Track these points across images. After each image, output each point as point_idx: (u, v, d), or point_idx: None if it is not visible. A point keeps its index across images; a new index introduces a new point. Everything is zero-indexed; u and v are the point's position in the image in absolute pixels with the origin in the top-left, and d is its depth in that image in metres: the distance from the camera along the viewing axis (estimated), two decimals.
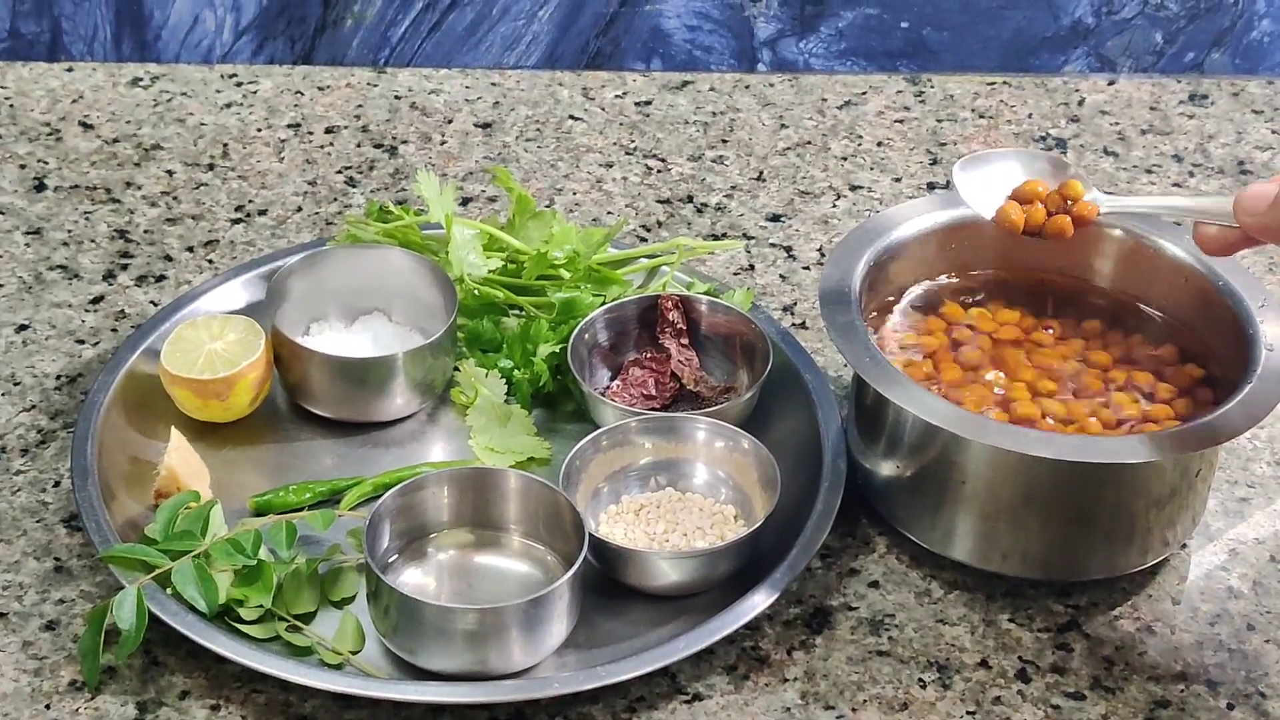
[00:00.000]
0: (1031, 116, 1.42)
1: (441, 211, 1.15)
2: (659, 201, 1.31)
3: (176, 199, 1.30)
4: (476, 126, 1.38)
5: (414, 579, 0.99)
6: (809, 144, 1.38)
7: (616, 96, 1.42)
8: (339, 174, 1.33)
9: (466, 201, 1.31)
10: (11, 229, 1.26)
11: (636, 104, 1.42)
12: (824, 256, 1.26)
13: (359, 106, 1.40)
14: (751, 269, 1.25)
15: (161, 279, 1.22)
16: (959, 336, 1.09)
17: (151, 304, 1.20)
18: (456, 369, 1.12)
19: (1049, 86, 1.45)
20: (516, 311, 1.15)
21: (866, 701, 0.96)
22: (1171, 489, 1.00)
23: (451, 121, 1.39)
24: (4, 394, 1.13)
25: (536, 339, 1.12)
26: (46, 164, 1.33)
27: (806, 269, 1.25)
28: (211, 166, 1.33)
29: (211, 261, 1.24)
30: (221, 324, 1.10)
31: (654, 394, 1.11)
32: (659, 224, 1.29)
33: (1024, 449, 0.97)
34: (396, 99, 1.41)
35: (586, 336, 1.12)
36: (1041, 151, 1.17)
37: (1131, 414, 1.04)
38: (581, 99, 1.42)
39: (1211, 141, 1.40)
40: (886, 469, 1.04)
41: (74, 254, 1.24)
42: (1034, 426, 1.02)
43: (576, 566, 0.95)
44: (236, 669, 0.96)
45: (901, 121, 1.41)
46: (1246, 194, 0.94)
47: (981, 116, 1.41)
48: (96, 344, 1.17)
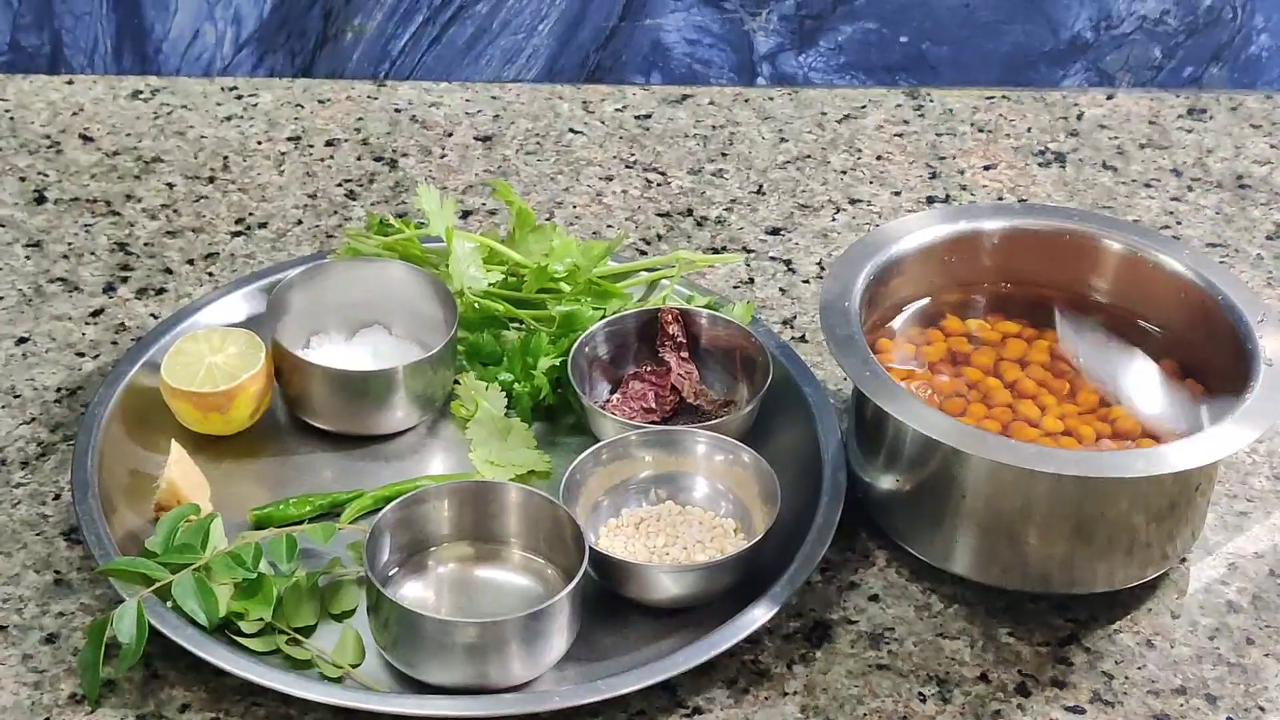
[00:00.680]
0: (1030, 130, 1.42)
1: (442, 225, 1.15)
2: (659, 215, 1.32)
3: (177, 212, 1.30)
4: (477, 140, 1.39)
5: (414, 592, 0.99)
6: (808, 158, 1.38)
7: (616, 110, 1.42)
8: (339, 187, 1.33)
9: (467, 215, 1.31)
10: (12, 241, 1.26)
11: (636, 117, 1.42)
12: (824, 270, 1.26)
13: (359, 120, 1.40)
14: (751, 282, 1.25)
15: (162, 292, 1.22)
16: (958, 349, 1.09)
17: (152, 317, 1.20)
18: (457, 382, 1.13)
19: (1048, 100, 1.45)
20: (517, 325, 1.16)
21: (866, 715, 0.96)
22: (1171, 503, 1.00)
23: (452, 135, 1.39)
24: (4, 406, 1.13)
25: (537, 352, 1.12)
26: (47, 176, 1.33)
27: (806, 282, 1.25)
28: (212, 179, 1.33)
29: (212, 274, 1.24)
30: (222, 337, 1.10)
31: (654, 407, 1.11)
32: (659, 237, 1.29)
33: (1023, 463, 0.97)
34: (397, 112, 1.41)
35: (587, 350, 1.12)
36: None
37: (1130, 428, 1.04)
38: (581, 112, 1.42)
39: (1210, 156, 1.40)
40: (886, 482, 1.04)
41: (74, 267, 1.24)
42: (1033, 440, 1.02)
43: (577, 580, 0.95)
44: (236, 682, 0.96)
45: (901, 135, 1.41)
46: None
47: (981, 130, 1.42)
48: (97, 357, 1.17)
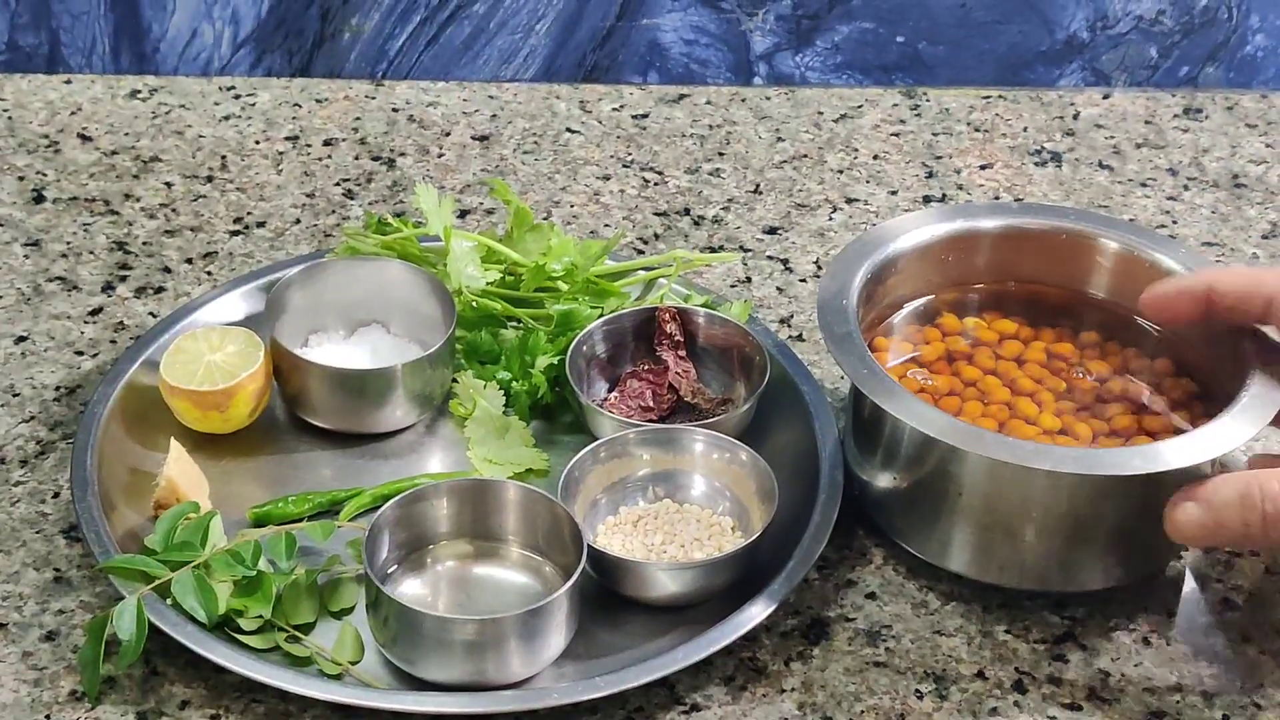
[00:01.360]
0: (1027, 130, 1.42)
1: (440, 224, 1.15)
2: (656, 214, 1.32)
3: (175, 211, 1.30)
4: (474, 139, 1.39)
5: (413, 590, 1.00)
6: (805, 157, 1.39)
7: (614, 109, 1.43)
8: (337, 186, 1.33)
9: (464, 214, 1.31)
10: (10, 241, 1.27)
11: (634, 117, 1.42)
12: (820, 269, 1.27)
13: (357, 119, 1.40)
14: (748, 281, 1.26)
15: (160, 291, 1.23)
16: (956, 347, 1.09)
17: (150, 316, 1.20)
18: (455, 381, 1.13)
19: (1044, 100, 1.46)
20: (514, 323, 1.16)
21: (864, 712, 0.97)
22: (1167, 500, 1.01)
23: (449, 134, 1.39)
24: (3, 405, 1.13)
25: (535, 351, 1.12)
26: (45, 176, 1.33)
27: (803, 281, 1.26)
28: (210, 179, 1.33)
29: (210, 273, 1.24)
30: (221, 336, 1.11)
31: (651, 406, 1.12)
32: (656, 236, 1.30)
33: (1020, 460, 0.97)
34: (394, 112, 1.41)
35: (584, 348, 1.12)
36: None
37: (1126, 425, 1.04)
38: (579, 112, 1.42)
39: (1206, 155, 1.40)
40: (883, 480, 1.04)
41: (73, 266, 1.24)
42: (1030, 437, 1.03)
43: (575, 578, 0.95)
44: (236, 679, 0.96)
45: (898, 135, 1.41)
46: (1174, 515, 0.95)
47: (977, 130, 1.42)
48: (95, 355, 1.17)
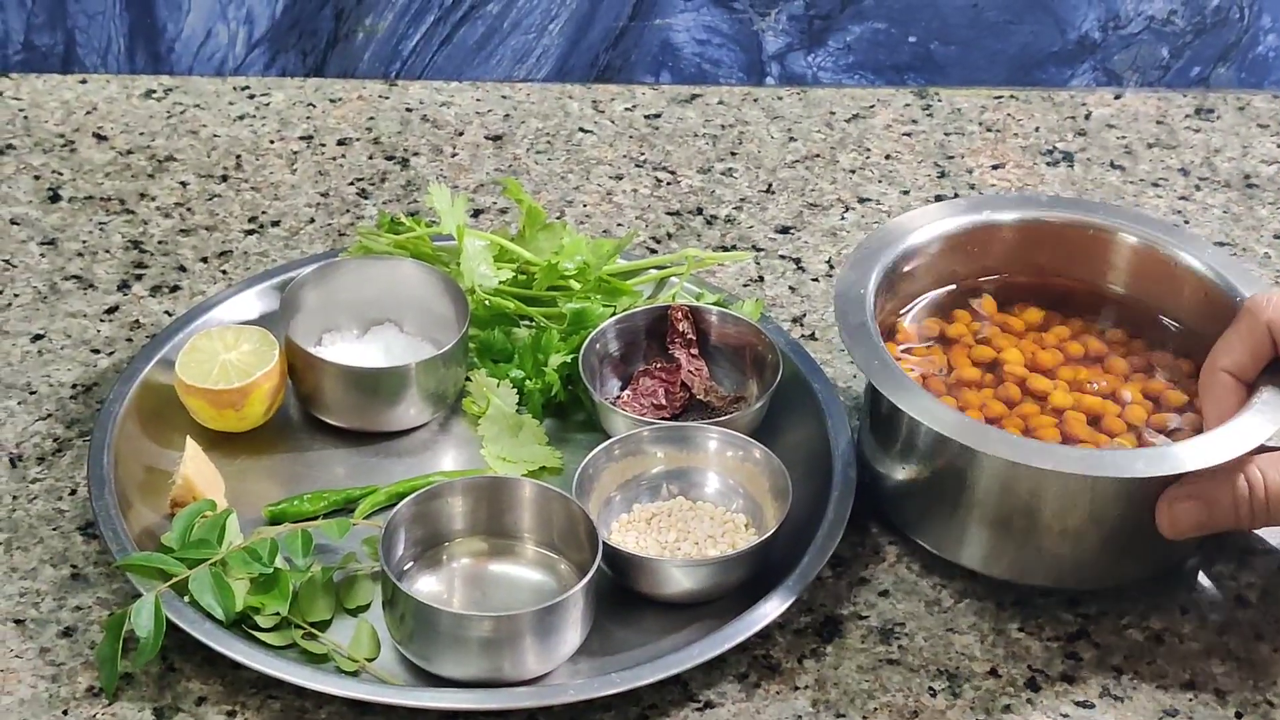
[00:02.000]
0: (1039, 130, 1.42)
1: (453, 223, 1.16)
2: (669, 213, 1.32)
3: (190, 210, 1.31)
4: (487, 139, 1.39)
5: (429, 587, 1.00)
6: (817, 157, 1.39)
7: (626, 109, 1.43)
8: (351, 186, 1.34)
9: (478, 213, 1.32)
10: (27, 239, 1.27)
11: (646, 117, 1.42)
12: (833, 268, 1.27)
13: (371, 119, 1.41)
14: (761, 280, 1.26)
15: (176, 289, 1.23)
16: (974, 339, 1.10)
17: (166, 314, 1.21)
18: (468, 379, 1.13)
19: (1056, 100, 1.46)
20: (527, 322, 1.16)
21: (877, 710, 0.97)
22: None
23: (462, 134, 1.40)
24: (20, 403, 1.14)
25: (548, 349, 1.13)
26: (61, 175, 1.34)
27: (815, 281, 1.26)
28: (225, 178, 1.34)
29: (225, 272, 1.25)
30: (236, 334, 1.11)
31: (664, 404, 1.12)
32: (669, 235, 1.30)
33: (1025, 460, 0.97)
34: (408, 111, 1.42)
35: (597, 347, 1.12)
36: None
37: (1141, 421, 1.05)
38: (592, 112, 1.43)
39: (1217, 155, 1.40)
40: (897, 474, 1.05)
41: (89, 264, 1.25)
42: (1046, 433, 1.03)
43: (590, 575, 0.95)
44: (253, 675, 0.96)
45: (909, 134, 1.42)
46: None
47: (989, 130, 1.42)
48: (112, 354, 1.18)
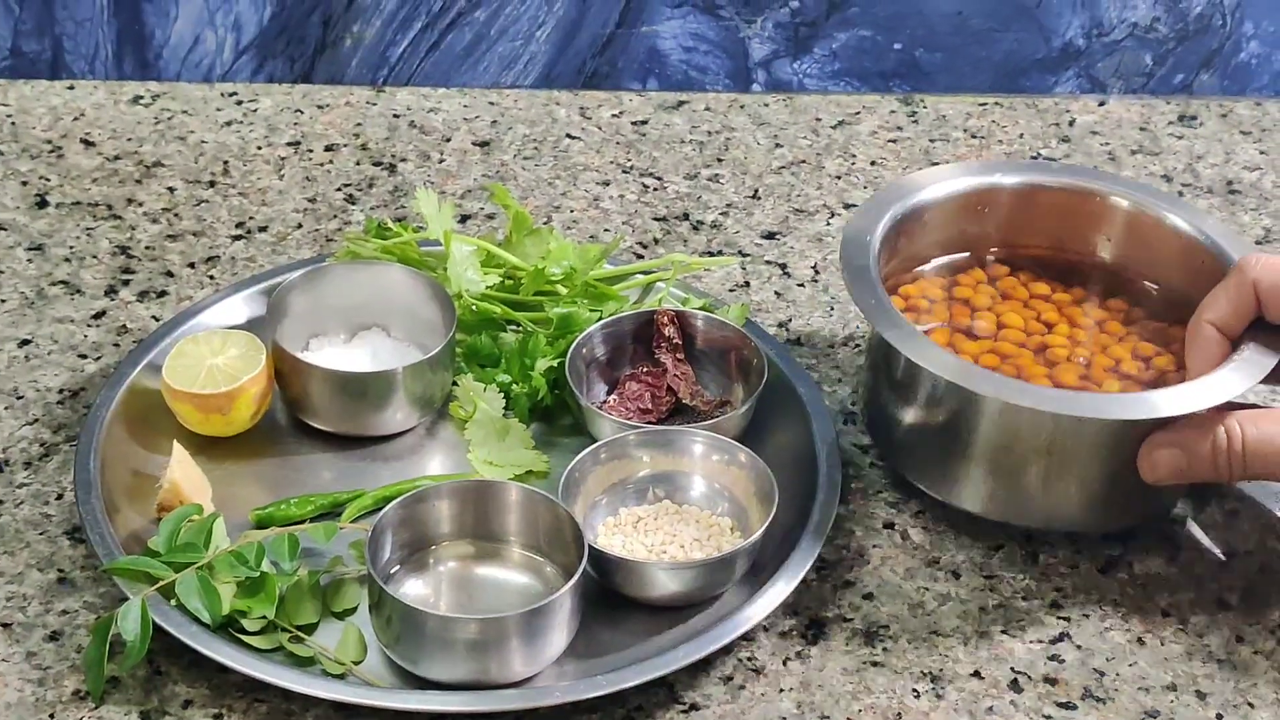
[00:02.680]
0: (1023, 136, 1.43)
1: (440, 228, 1.16)
2: (655, 219, 1.33)
3: (178, 216, 1.31)
4: (475, 145, 1.40)
5: (415, 590, 1.00)
6: (803, 163, 1.39)
7: (613, 116, 1.44)
8: (338, 191, 1.34)
9: (465, 219, 1.32)
10: (14, 245, 1.27)
11: (633, 123, 1.43)
12: (818, 274, 1.28)
13: (358, 125, 1.41)
14: (747, 286, 1.27)
15: (163, 294, 1.24)
16: (978, 298, 1.13)
17: (153, 319, 1.21)
18: (455, 384, 1.14)
19: (1040, 107, 1.47)
20: (514, 327, 1.17)
21: (861, 711, 0.98)
22: None
23: (450, 140, 1.40)
24: (7, 407, 1.14)
25: (534, 354, 1.13)
26: (48, 181, 1.34)
27: (801, 286, 1.27)
28: (212, 184, 1.34)
29: (213, 277, 1.25)
30: (223, 339, 1.11)
31: (650, 408, 1.12)
32: (655, 241, 1.31)
33: (1003, 396, 1.00)
34: (395, 117, 1.42)
35: (584, 351, 1.13)
36: None
37: (1137, 376, 1.08)
38: (579, 118, 1.43)
39: (1200, 162, 1.41)
40: (896, 417, 1.07)
41: (76, 270, 1.25)
42: (1037, 382, 1.06)
43: (576, 577, 0.96)
44: (239, 679, 0.97)
45: (895, 141, 1.42)
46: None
47: (974, 136, 1.43)
48: (99, 359, 1.18)
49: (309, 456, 1.11)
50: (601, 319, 1.14)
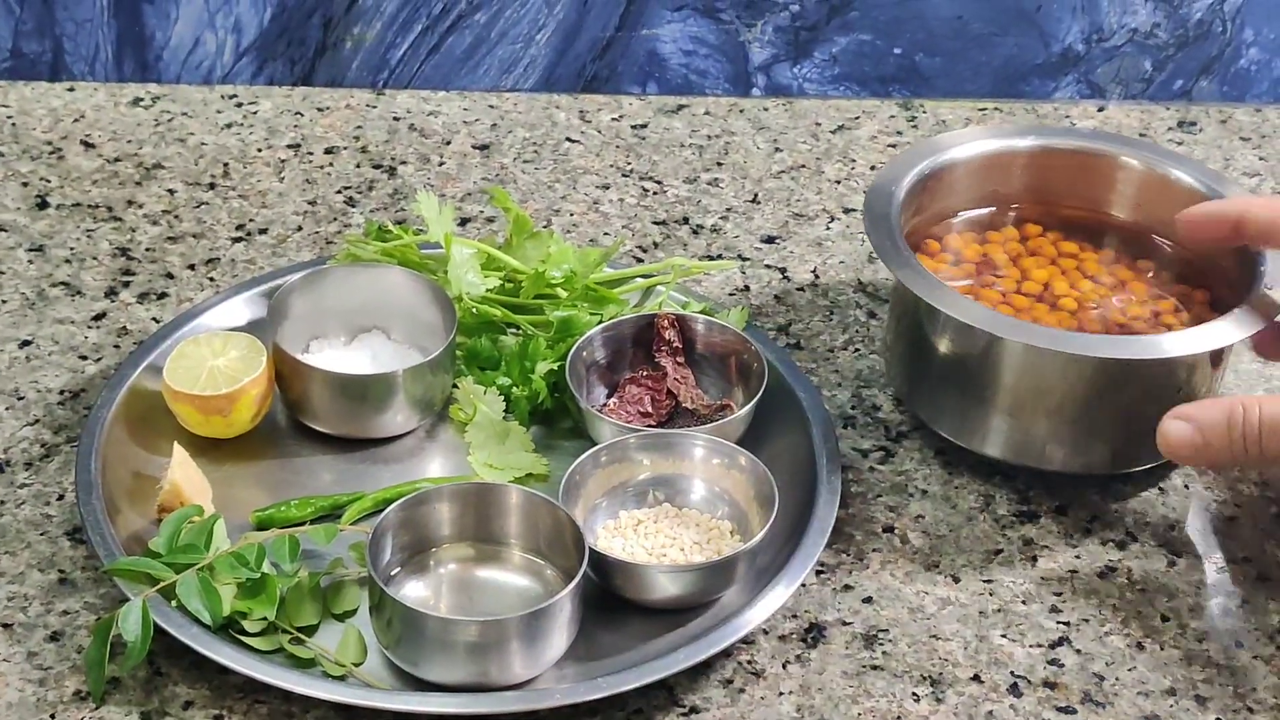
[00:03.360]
0: None
1: (440, 231, 1.16)
2: (655, 223, 1.33)
3: (178, 217, 1.31)
4: (474, 148, 1.40)
5: (416, 592, 1.00)
6: (803, 167, 1.40)
7: (613, 119, 1.44)
8: (339, 194, 1.34)
9: (465, 222, 1.32)
10: (14, 246, 1.28)
11: (633, 127, 1.43)
12: (818, 278, 1.28)
13: (358, 128, 1.41)
14: (746, 290, 1.27)
15: (163, 296, 1.24)
16: (999, 255, 1.17)
17: (154, 321, 1.21)
18: (455, 386, 1.14)
19: (1040, 113, 1.47)
20: (514, 330, 1.17)
21: (861, 715, 0.98)
22: (1145, 394, 1.06)
23: (450, 143, 1.40)
24: (7, 408, 1.14)
25: (534, 357, 1.13)
26: (49, 182, 1.34)
27: (801, 290, 1.27)
28: (212, 186, 1.34)
29: (213, 279, 1.25)
30: (223, 341, 1.12)
31: (650, 411, 1.13)
32: (655, 245, 1.31)
33: (999, 332, 1.04)
34: (395, 120, 1.42)
35: (584, 354, 1.13)
36: None
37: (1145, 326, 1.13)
38: (578, 122, 1.43)
39: None
40: (917, 366, 1.12)
41: (76, 271, 1.25)
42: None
43: (576, 580, 0.96)
44: (240, 680, 0.97)
45: (894, 146, 1.42)
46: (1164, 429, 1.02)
47: None
48: (99, 360, 1.18)
49: (309, 458, 1.11)
50: (602, 322, 1.14)
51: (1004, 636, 1.02)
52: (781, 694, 0.99)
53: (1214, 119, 1.47)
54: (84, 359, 1.18)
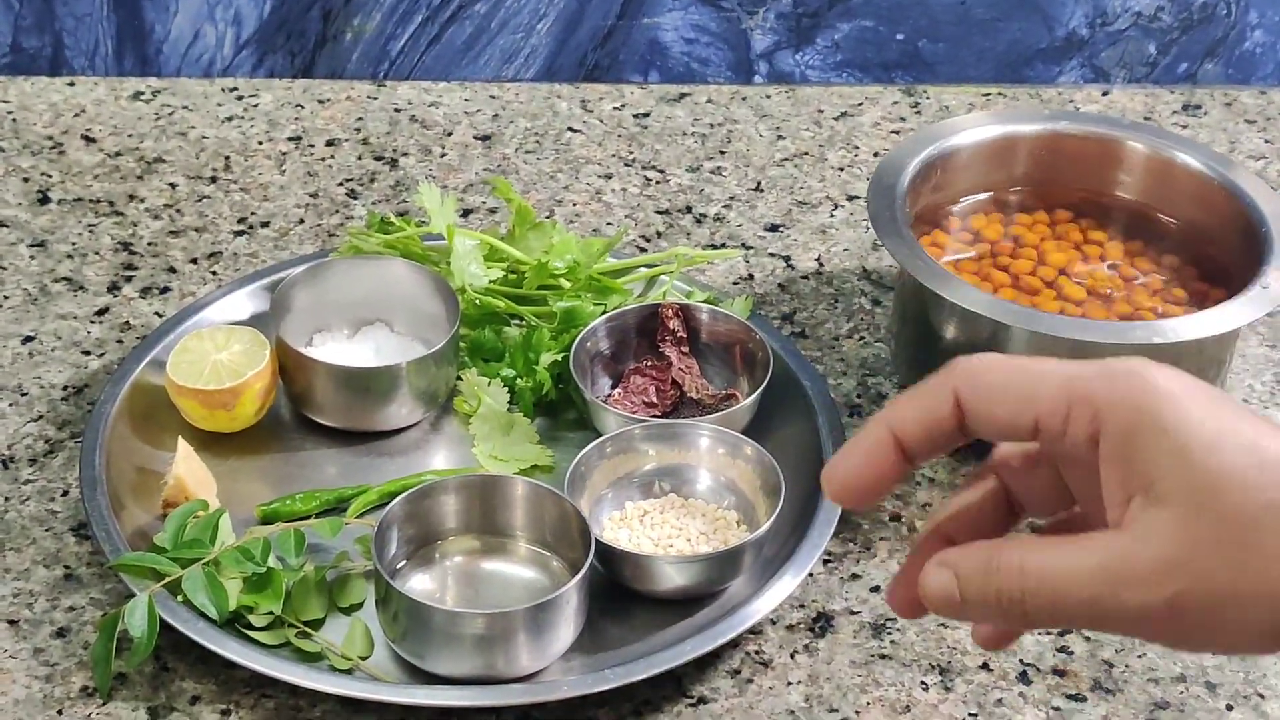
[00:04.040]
0: None
1: (443, 222, 1.16)
2: (658, 212, 1.33)
3: (179, 211, 1.31)
4: (476, 139, 1.40)
5: (422, 585, 1.00)
6: (806, 155, 1.39)
7: (615, 108, 1.43)
8: (340, 186, 1.34)
9: (467, 213, 1.32)
10: (16, 241, 1.27)
11: (635, 116, 1.43)
12: (822, 266, 1.27)
13: (359, 119, 1.41)
14: (750, 278, 1.26)
15: (166, 291, 1.23)
16: (1002, 240, 1.18)
17: (156, 315, 1.21)
18: (459, 378, 1.13)
19: (1044, 97, 1.47)
20: (518, 321, 1.16)
21: (870, 704, 0.97)
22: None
23: (451, 134, 1.40)
24: (11, 405, 1.14)
25: (538, 348, 1.13)
26: (50, 177, 1.34)
27: (805, 278, 1.26)
28: (214, 179, 1.34)
29: (215, 273, 1.25)
30: (226, 335, 1.11)
31: (655, 401, 1.12)
32: (658, 234, 1.30)
33: (998, 316, 1.05)
34: (396, 112, 1.42)
35: (588, 345, 1.13)
36: None
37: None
38: (580, 111, 1.43)
39: None
40: (923, 353, 1.13)
41: (79, 266, 1.25)
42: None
43: (583, 572, 0.95)
44: (246, 674, 0.96)
45: (898, 132, 1.42)
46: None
47: None
48: (102, 355, 1.18)
49: (314, 452, 1.11)
50: (605, 313, 1.14)
51: None
52: (790, 684, 0.98)
53: (1219, 102, 1.46)
54: (87, 354, 1.18)
